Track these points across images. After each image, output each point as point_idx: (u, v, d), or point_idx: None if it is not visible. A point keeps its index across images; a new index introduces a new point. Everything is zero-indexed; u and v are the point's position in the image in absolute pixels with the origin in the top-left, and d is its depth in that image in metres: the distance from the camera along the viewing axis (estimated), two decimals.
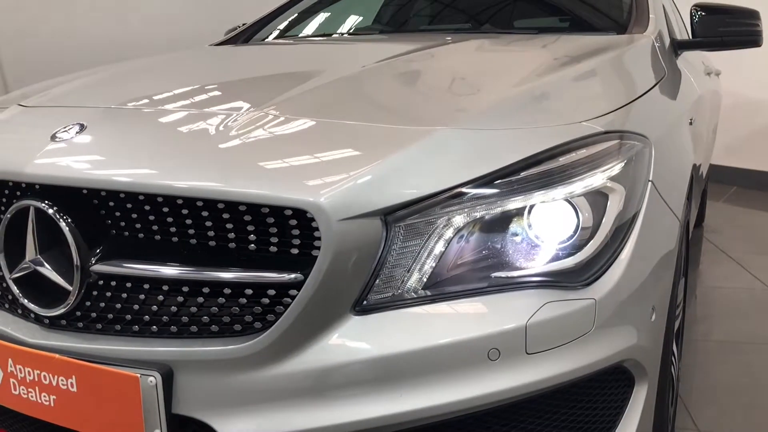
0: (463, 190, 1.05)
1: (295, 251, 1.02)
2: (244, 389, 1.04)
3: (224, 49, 2.33)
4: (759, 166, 5.21)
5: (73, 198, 1.13)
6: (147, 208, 1.08)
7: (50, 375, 1.11)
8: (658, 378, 1.24)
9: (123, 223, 1.11)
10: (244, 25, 2.98)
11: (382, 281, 1.04)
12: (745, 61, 4.04)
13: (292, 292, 1.02)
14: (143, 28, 4.85)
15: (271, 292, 1.03)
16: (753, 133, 5.20)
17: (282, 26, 2.81)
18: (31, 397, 1.14)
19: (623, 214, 1.14)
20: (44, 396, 1.13)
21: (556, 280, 1.07)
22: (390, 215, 1.02)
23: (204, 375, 1.06)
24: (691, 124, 1.83)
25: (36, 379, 1.13)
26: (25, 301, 1.17)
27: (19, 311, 1.22)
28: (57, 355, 1.10)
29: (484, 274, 1.07)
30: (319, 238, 0.99)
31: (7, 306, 1.24)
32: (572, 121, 1.20)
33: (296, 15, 2.95)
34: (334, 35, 2.66)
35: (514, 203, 1.07)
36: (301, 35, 2.73)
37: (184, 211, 1.06)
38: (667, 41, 2.07)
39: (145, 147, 1.15)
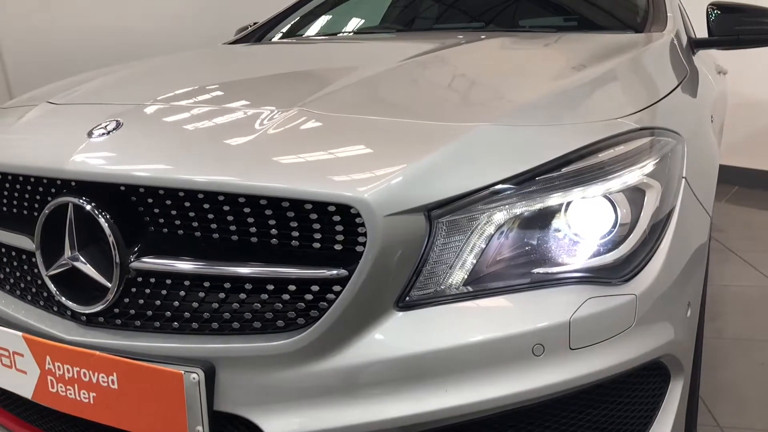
0: (505, 186, 1.05)
1: (338, 247, 1.02)
2: (287, 386, 1.04)
3: (242, 48, 2.33)
4: (761, 166, 5.23)
5: (111, 195, 1.13)
6: (187, 204, 1.08)
7: (90, 372, 1.11)
8: (691, 373, 1.25)
9: (162, 220, 1.11)
10: (255, 24, 2.98)
11: (424, 277, 1.04)
12: (747, 60, 4.05)
13: (336, 287, 1.02)
14: (144, 25, 4.84)
15: (315, 288, 1.03)
16: (755, 133, 5.22)
17: (294, 26, 2.81)
18: (70, 394, 1.14)
19: (660, 210, 1.15)
20: (83, 393, 1.12)
21: (596, 276, 1.07)
22: (433, 211, 1.02)
23: (246, 372, 1.06)
24: (711, 121, 1.84)
25: (75, 377, 1.12)
26: (63, 298, 1.16)
27: (55, 308, 1.22)
28: (97, 352, 1.10)
29: (524, 270, 1.07)
30: (362, 234, 1.00)
31: (41, 303, 1.24)
32: (608, 117, 1.20)
33: (307, 14, 2.95)
34: (348, 34, 2.66)
35: (554, 199, 1.07)
36: (314, 35, 2.73)
37: (225, 208, 1.06)
38: (685, 40, 2.08)
39: (185, 143, 1.15)
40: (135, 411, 1.09)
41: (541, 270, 1.07)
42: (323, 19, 2.96)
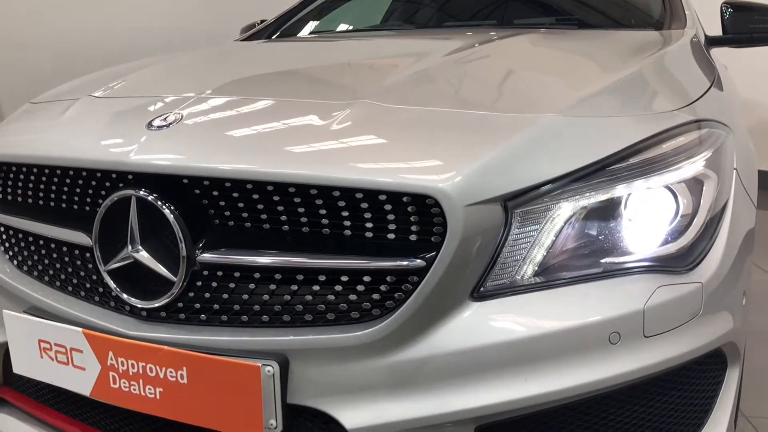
0: (577, 176, 1.06)
1: (413, 238, 1.02)
2: (362, 377, 1.04)
3: (264, 45, 2.30)
4: (760, 166, 5.31)
5: (173, 188, 1.11)
6: (255, 197, 1.07)
7: (157, 367, 1.09)
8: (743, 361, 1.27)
9: (227, 213, 1.10)
10: (263, 21, 2.97)
11: (499, 267, 1.04)
12: (746, 60, 4.12)
13: (412, 278, 1.02)
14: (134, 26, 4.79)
15: (391, 278, 1.03)
16: (753, 133, 5.30)
17: (302, 24, 2.80)
18: (134, 390, 1.13)
19: (717, 201, 1.17)
20: (149, 389, 1.11)
21: (662, 265, 1.09)
22: (510, 201, 1.03)
23: (319, 364, 1.06)
24: None
25: (140, 372, 1.11)
26: (124, 295, 1.15)
27: (111, 304, 1.20)
28: (165, 347, 1.08)
29: (592, 260, 1.08)
30: (438, 225, 1.00)
31: (96, 299, 1.22)
32: (663, 110, 1.22)
33: (313, 14, 2.94)
34: (363, 32, 2.65)
35: (621, 190, 1.08)
36: (325, 32, 2.72)
37: (296, 200, 1.05)
38: (703, 37, 2.11)
39: (252, 136, 1.14)
40: (205, 406, 1.07)
41: (609, 259, 1.08)
42: (330, 18, 2.96)
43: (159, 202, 1.09)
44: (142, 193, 1.11)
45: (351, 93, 1.23)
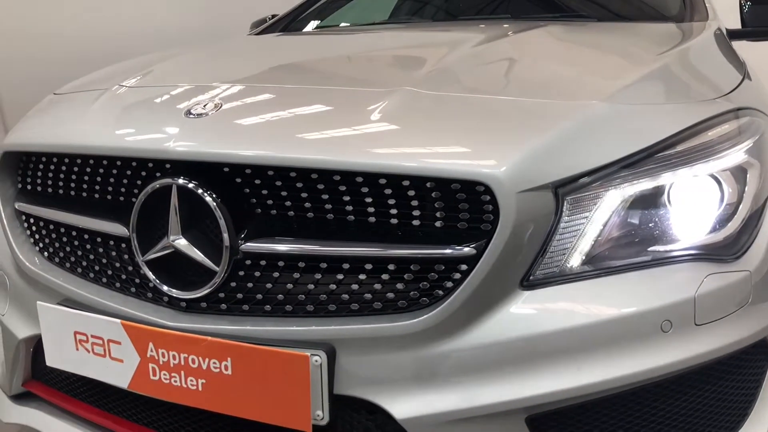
0: (626, 163, 1.05)
1: (462, 225, 1.00)
2: (411, 367, 1.03)
3: (284, 37, 2.28)
4: None
5: (214, 177, 1.10)
6: (299, 185, 1.06)
7: (200, 358, 1.08)
8: None
9: (270, 201, 1.09)
10: (274, 16, 2.95)
11: (549, 256, 1.03)
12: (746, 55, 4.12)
13: (462, 266, 1.00)
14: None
15: (440, 267, 1.01)
16: None
17: (317, 17, 2.79)
18: (174, 382, 1.11)
19: (762, 189, 1.16)
20: (190, 380, 1.09)
21: (709, 254, 1.08)
22: (561, 188, 1.02)
23: (366, 353, 1.04)
24: None
25: (182, 363, 1.09)
26: (164, 286, 1.13)
27: (149, 295, 1.18)
28: (209, 337, 1.07)
29: (640, 248, 1.07)
30: (489, 212, 0.98)
31: (133, 290, 1.20)
32: (704, 98, 1.22)
33: (326, 7, 2.92)
34: (380, 25, 2.64)
35: (668, 178, 1.07)
36: (339, 26, 2.70)
37: (342, 188, 1.04)
38: (724, 30, 2.11)
39: (294, 123, 1.12)
40: (250, 396, 1.06)
41: (656, 248, 1.07)
42: (342, 12, 2.94)
43: (201, 191, 1.08)
44: (182, 181, 1.09)
45: (390, 81, 1.22)
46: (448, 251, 1.00)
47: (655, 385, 1.03)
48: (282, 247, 1.07)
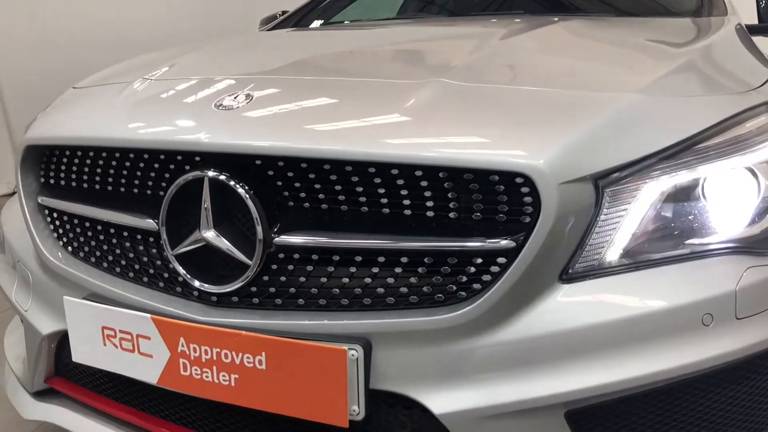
0: (665, 155, 1.04)
1: (501, 218, 0.99)
2: (449, 362, 1.01)
3: (299, 32, 2.26)
4: None
5: (245, 169, 1.08)
6: (333, 177, 1.04)
7: (233, 353, 1.06)
8: None
9: (303, 194, 1.07)
10: (284, 13, 2.93)
11: (588, 248, 1.02)
12: None
13: (500, 260, 0.99)
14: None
15: (478, 260, 1.00)
16: None
17: (326, 14, 2.77)
18: (206, 377, 1.09)
19: None
20: (223, 376, 1.08)
21: (747, 247, 1.07)
22: (601, 180, 1.00)
23: (402, 347, 1.03)
24: None
25: (214, 358, 1.08)
26: (196, 282, 1.11)
27: (178, 289, 1.17)
28: (243, 332, 1.05)
29: (678, 241, 1.06)
30: (528, 204, 0.97)
31: (161, 285, 1.19)
32: (738, 90, 1.20)
33: (337, 3, 2.91)
34: (393, 20, 2.62)
35: (706, 170, 1.06)
36: (353, 21, 2.68)
37: (377, 180, 1.02)
38: (744, 25, 2.10)
39: (327, 115, 1.11)
40: (285, 391, 1.04)
41: (694, 240, 1.06)
42: (354, 8, 2.93)
43: (233, 183, 1.06)
44: (212, 173, 1.07)
45: (421, 73, 1.20)
46: (486, 244, 0.99)
47: (694, 380, 1.02)
48: (316, 240, 1.05)
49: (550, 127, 1.02)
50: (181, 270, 1.13)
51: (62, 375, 1.40)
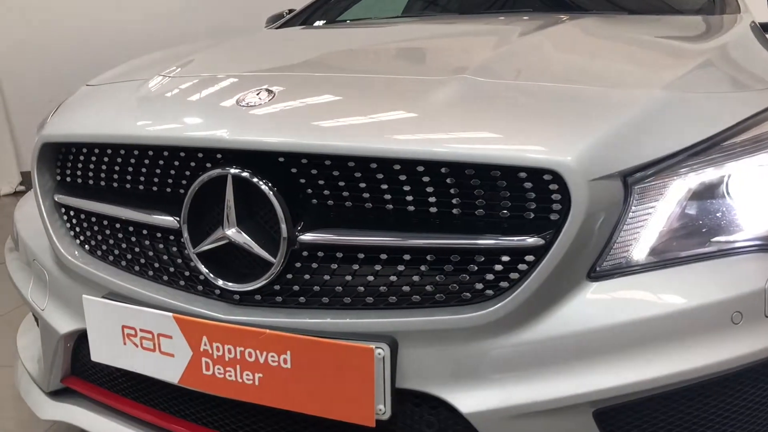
0: (693, 152, 1.03)
1: (529, 215, 0.98)
2: (476, 360, 1.01)
3: (309, 30, 2.25)
4: None
5: (268, 166, 1.07)
6: (357, 174, 1.03)
7: (257, 351, 1.05)
8: None
9: (327, 191, 1.06)
10: (291, 11, 2.92)
11: (616, 246, 1.01)
12: None
13: (528, 257, 0.98)
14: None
15: (505, 258, 0.99)
16: None
17: (337, 11, 2.76)
18: (229, 376, 1.08)
19: None
20: (246, 375, 1.07)
21: None
22: (630, 177, 1.00)
23: (428, 346, 1.02)
24: None
25: (237, 357, 1.07)
26: (220, 281, 1.10)
27: (199, 288, 1.16)
28: (268, 330, 1.04)
29: (705, 239, 1.05)
30: (557, 201, 0.96)
31: (182, 283, 1.18)
32: (760, 87, 1.20)
33: (345, 1, 2.90)
34: (404, 18, 2.61)
35: (734, 166, 1.06)
36: (363, 19, 2.67)
37: (401, 177, 1.01)
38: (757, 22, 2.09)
39: (349, 111, 1.10)
40: (310, 390, 1.03)
41: (721, 238, 1.05)
42: (361, 6, 2.92)
43: (257, 180, 1.05)
44: (234, 170, 1.06)
45: (444, 70, 1.19)
46: (514, 242, 0.98)
47: (724, 378, 1.01)
48: (341, 239, 1.04)
49: (578, 123, 1.01)
50: (203, 269, 1.12)
51: (78, 374, 1.39)
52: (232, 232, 1.08)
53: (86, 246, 1.31)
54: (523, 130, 1.01)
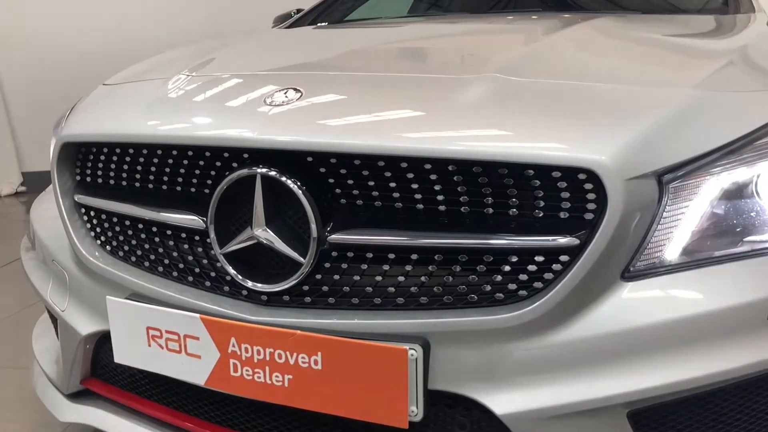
0: (727, 151, 1.02)
1: (563, 215, 0.97)
2: (510, 361, 1.00)
3: (323, 29, 2.24)
4: None
5: (297, 166, 1.06)
6: (387, 174, 1.02)
7: (287, 353, 1.04)
8: None
9: (356, 191, 1.05)
10: (299, 11, 2.91)
11: (650, 246, 1.00)
12: None
13: (563, 257, 0.97)
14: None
15: (539, 258, 0.98)
16: None
17: (347, 11, 2.75)
18: (258, 378, 1.07)
19: None
20: (276, 376, 1.06)
21: None
22: (664, 176, 0.99)
23: (460, 347, 1.01)
24: None
25: (267, 359, 1.06)
26: (249, 282, 1.09)
27: (226, 289, 1.14)
28: (298, 331, 1.03)
29: (738, 239, 1.04)
30: (591, 201, 0.96)
31: (208, 284, 1.17)
32: None
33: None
34: (416, 17, 2.60)
35: (766, 166, 1.05)
36: (372, 19, 2.66)
37: (432, 177, 1.01)
38: None
39: (379, 110, 1.09)
40: (341, 392, 1.03)
41: (755, 237, 1.05)
42: (370, 5, 2.91)
43: (286, 179, 1.04)
44: (262, 170, 1.05)
45: (471, 68, 1.18)
46: (549, 241, 0.97)
47: (759, 378, 1.00)
48: (372, 238, 1.03)
49: (612, 122, 1.01)
50: (230, 269, 1.11)
51: (98, 376, 1.37)
52: (261, 232, 1.07)
53: (107, 246, 1.30)
54: (558, 128, 1.00)
